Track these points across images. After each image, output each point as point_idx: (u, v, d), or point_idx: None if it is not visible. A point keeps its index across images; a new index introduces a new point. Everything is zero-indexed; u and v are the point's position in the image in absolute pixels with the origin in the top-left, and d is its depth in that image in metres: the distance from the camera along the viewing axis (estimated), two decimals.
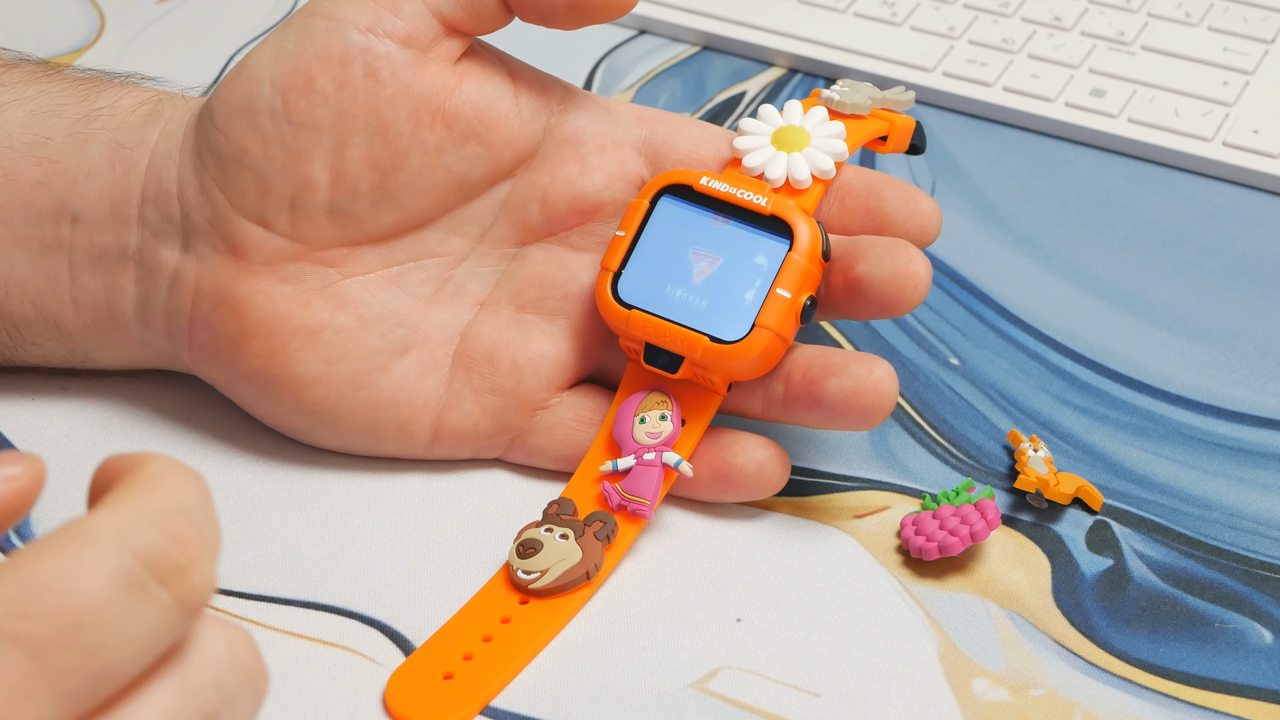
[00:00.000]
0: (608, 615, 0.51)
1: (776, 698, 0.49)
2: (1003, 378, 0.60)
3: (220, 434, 0.56)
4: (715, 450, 0.53)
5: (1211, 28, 0.74)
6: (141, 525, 0.33)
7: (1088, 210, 0.67)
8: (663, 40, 0.75)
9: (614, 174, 0.55)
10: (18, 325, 0.54)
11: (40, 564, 0.32)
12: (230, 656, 0.35)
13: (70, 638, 0.32)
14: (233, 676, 0.35)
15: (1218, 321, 0.62)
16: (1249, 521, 0.55)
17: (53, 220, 0.53)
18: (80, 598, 0.32)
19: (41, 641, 0.32)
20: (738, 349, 0.52)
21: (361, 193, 0.53)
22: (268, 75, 0.52)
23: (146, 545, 0.33)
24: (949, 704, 0.49)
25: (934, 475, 0.56)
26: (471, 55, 0.54)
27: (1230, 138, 0.69)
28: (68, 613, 0.32)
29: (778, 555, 0.53)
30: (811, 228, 0.52)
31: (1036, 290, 0.63)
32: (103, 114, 0.54)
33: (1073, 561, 0.53)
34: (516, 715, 0.48)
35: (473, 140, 0.53)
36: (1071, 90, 0.71)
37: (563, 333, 0.55)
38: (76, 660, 0.32)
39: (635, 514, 0.52)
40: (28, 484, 0.35)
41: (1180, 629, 0.51)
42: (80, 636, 0.32)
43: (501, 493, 0.54)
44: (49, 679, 0.32)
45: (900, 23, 0.74)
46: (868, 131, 0.56)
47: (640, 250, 0.53)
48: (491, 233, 0.55)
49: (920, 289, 0.52)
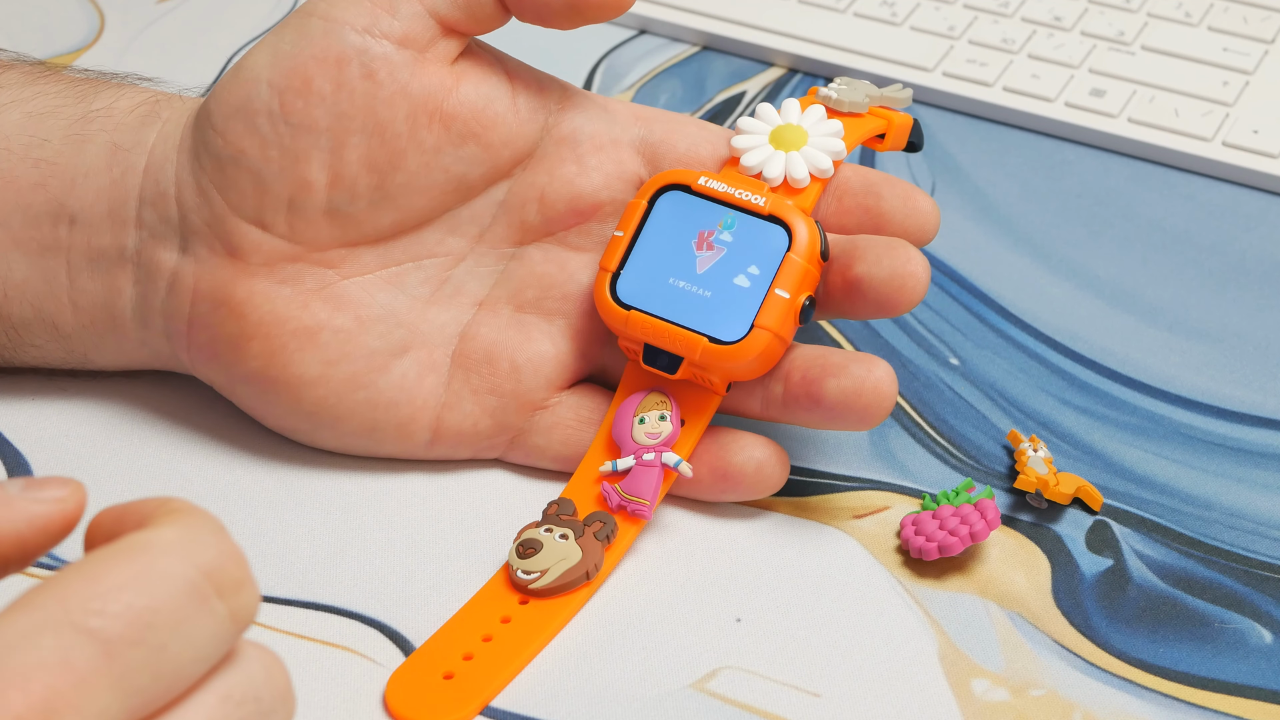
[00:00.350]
0: (608, 615, 0.51)
1: (776, 698, 0.49)
2: (1003, 378, 0.60)
3: (220, 434, 0.56)
4: (715, 450, 0.53)
5: (1211, 28, 0.74)
6: (202, 541, 0.35)
7: (1088, 210, 0.67)
8: (662, 40, 0.75)
9: (612, 173, 0.55)
10: (16, 327, 0.54)
11: (112, 568, 0.34)
12: (267, 676, 0.36)
13: (140, 636, 0.33)
14: (270, 694, 0.36)
15: (1218, 321, 0.62)
16: (1249, 521, 0.55)
17: (50, 222, 0.53)
18: (151, 600, 0.34)
19: (114, 637, 0.33)
20: (737, 349, 0.52)
21: (359, 193, 0.52)
22: (265, 76, 0.52)
23: (208, 559, 0.35)
24: (949, 704, 0.49)
25: (934, 475, 0.56)
26: (469, 55, 0.54)
27: (1230, 138, 0.69)
28: (140, 613, 0.34)
29: (778, 555, 0.53)
30: (810, 227, 0.52)
31: (1036, 290, 0.63)
32: (100, 115, 0.54)
33: (1073, 561, 0.53)
34: (516, 715, 0.48)
35: (470, 140, 0.53)
36: (1071, 90, 0.71)
37: (561, 333, 0.55)
38: (143, 659, 0.33)
39: (635, 514, 0.52)
40: (73, 507, 0.37)
41: (1180, 629, 0.51)
42: (149, 636, 0.34)
43: (501, 493, 0.54)
44: (117, 674, 0.33)
45: (900, 23, 0.74)
46: (866, 129, 0.56)
47: (639, 250, 0.53)
48: (490, 233, 0.55)
49: (919, 288, 0.52)
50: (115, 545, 0.35)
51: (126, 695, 0.33)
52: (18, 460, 0.55)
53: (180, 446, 0.55)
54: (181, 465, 0.55)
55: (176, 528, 0.35)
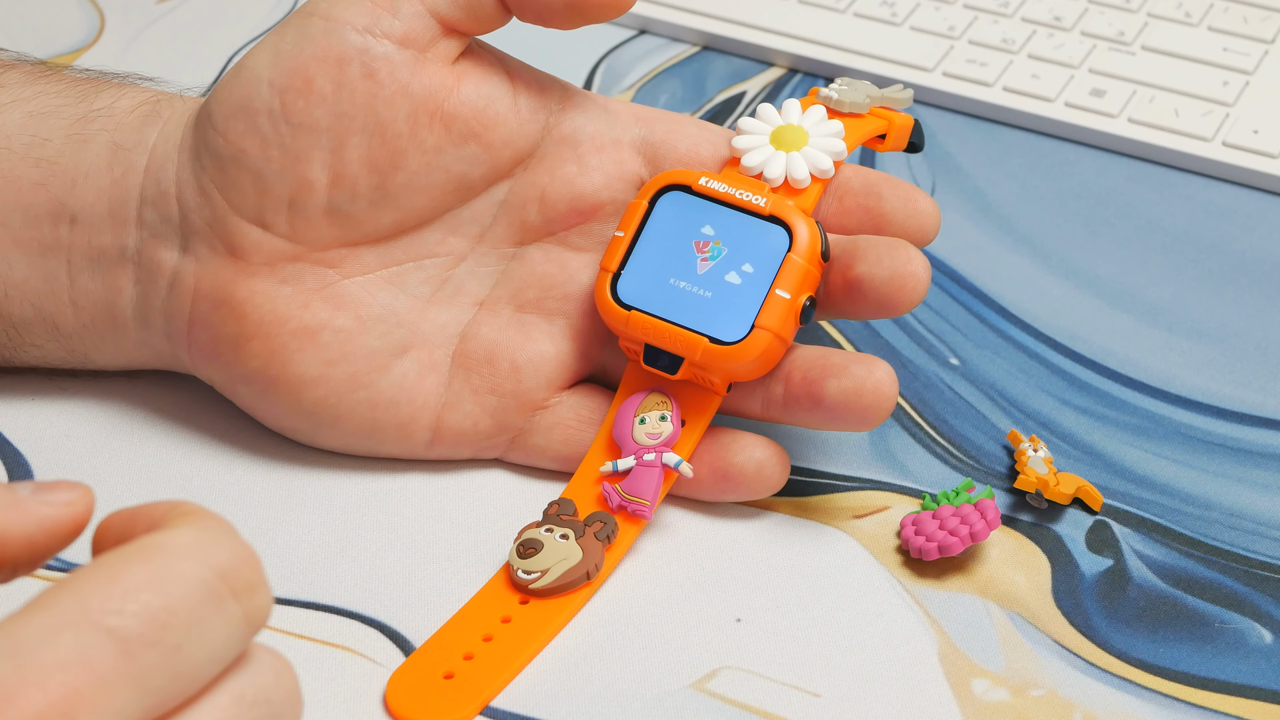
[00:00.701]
0: (608, 615, 0.51)
1: (776, 698, 0.49)
2: (1003, 378, 0.60)
3: (220, 434, 0.56)
4: (715, 450, 0.53)
5: (1211, 28, 0.74)
6: (217, 543, 0.35)
7: (1088, 210, 0.67)
8: (663, 40, 0.75)
9: (612, 174, 0.55)
10: (17, 327, 0.54)
11: (129, 568, 0.34)
12: (277, 678, 0.37)
13: (158, 636, 0.34)
14: (280, 697, 0.37)
15: (1218, 321, 0.62)
16: (1249, 521, 0.55)
17: (51, 222, 0.53)
18: (168, 600, 0.34)
19: (133, 637, 0.33)
20: (737, 350, 0.52)
21: (360, 193, 0.52)
22: (266, 76, 0.52)
23: (223, 561, 0.35)
24: (949, 704, 0.49)
25: (934, 475, 0.56)
26: (470, 55, 0.54)
27: (1230, 138, 0.69)
28: (158, 613, 0.34)
29: (778, 555, 0.53)
30: (810, 228, 0.52)
31: (1036, 290, 0.63)
32: (101, 115, 0.54)
33: (1073, 561, 0.53)
34: (516, 715, 0.48)
35: (471, 140, 0.53)
36: (1071, 90, 0.71)
37: (562, 333, 0.55)
38: (161, 659, 0.34)
39: (635, 514, 0.52)
40: (82, 510, 0.37)
41: (1180, 629, 0.51)
42: (166, 636, 0.34)
43: (501, 493, 0.54)
44: (135, 673, 0.33)
45: (900, 23, 0.74)
46: (866, 130, 0.56)
47: (639, 251, 0.53)
48: (490, 233, 0.55)
49: (919, 289, 0.52)
50: (131, 546, 0.35)
51: (144, 694, 0.34)
52: (18, 460, 0.55)
53: (180, 446, 0.55)
54: (181, 465, 0.55)
55: (191, 530, 0.35)
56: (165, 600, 0.34)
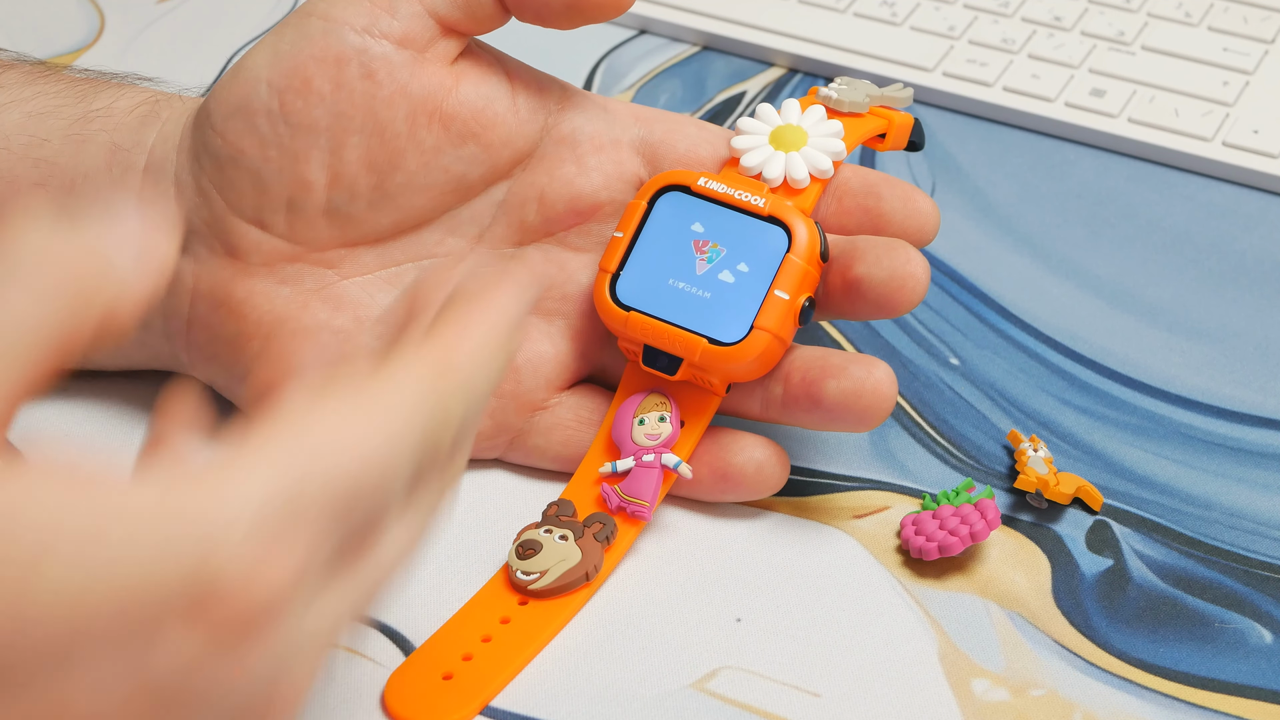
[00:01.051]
0: (608, 615, 0.51)
1: (776, 698, 0.49)
2: (1003, 378, 0.60)
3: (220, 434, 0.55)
4: (715, 450, 0.53)
5: (1211, 28, 0.74)
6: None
7: (1088, 210, 0.67)
8: (663, 40, 0.75)
9: (612, 174, 0.55)
10: None
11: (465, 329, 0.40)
12: None
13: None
14: None
15: (1218, 321, 0.62)
16: (1249, 521, 0.55)
17: None
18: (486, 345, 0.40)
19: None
20: (736, 351, 0.52)
21: (359, 193, 0.52)
22: (264, 76, 0.52)
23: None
24: (949, 704, 0.49)
25: (934, 475, 0.56)
26: (469, 55, 0.54)
27: (1230, 138, 0.69)
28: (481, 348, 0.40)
29: (778, 555, 0.53)
30: (809, 228, 0.52)
31: (1036, 290, 0.63)
32: (100, 115, 0.54)
33: (1073, 561, 0.53)
34: (516, 715, 0.48)
35: (470, 140, 0.53)
36: (1071, 90, 0.71)
37: (561, 333, 0.55)
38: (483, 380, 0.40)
39: (634, 515, 0.52)
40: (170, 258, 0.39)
41: (1180, 629, 0.51)
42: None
43: (501, 493, 0.54)
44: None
45: (900, 23, 0.74)
46: (866, 129, 0.56)
47: (638, 251, 0.53)
48: (489, 233, 0.55)
49: (918, 289, 0.52)
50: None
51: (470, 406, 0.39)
52: None
53: None
54: None
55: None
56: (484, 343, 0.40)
